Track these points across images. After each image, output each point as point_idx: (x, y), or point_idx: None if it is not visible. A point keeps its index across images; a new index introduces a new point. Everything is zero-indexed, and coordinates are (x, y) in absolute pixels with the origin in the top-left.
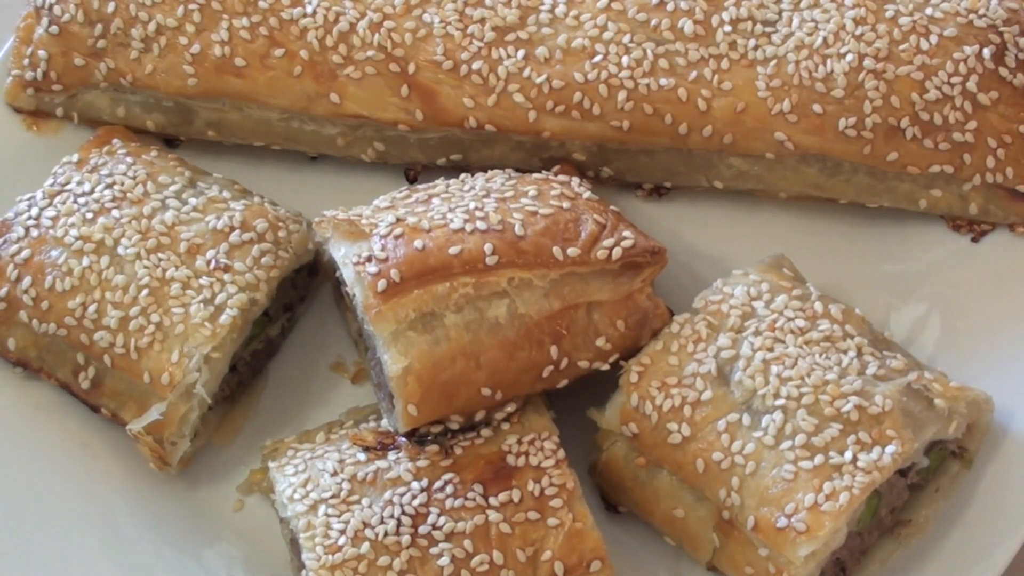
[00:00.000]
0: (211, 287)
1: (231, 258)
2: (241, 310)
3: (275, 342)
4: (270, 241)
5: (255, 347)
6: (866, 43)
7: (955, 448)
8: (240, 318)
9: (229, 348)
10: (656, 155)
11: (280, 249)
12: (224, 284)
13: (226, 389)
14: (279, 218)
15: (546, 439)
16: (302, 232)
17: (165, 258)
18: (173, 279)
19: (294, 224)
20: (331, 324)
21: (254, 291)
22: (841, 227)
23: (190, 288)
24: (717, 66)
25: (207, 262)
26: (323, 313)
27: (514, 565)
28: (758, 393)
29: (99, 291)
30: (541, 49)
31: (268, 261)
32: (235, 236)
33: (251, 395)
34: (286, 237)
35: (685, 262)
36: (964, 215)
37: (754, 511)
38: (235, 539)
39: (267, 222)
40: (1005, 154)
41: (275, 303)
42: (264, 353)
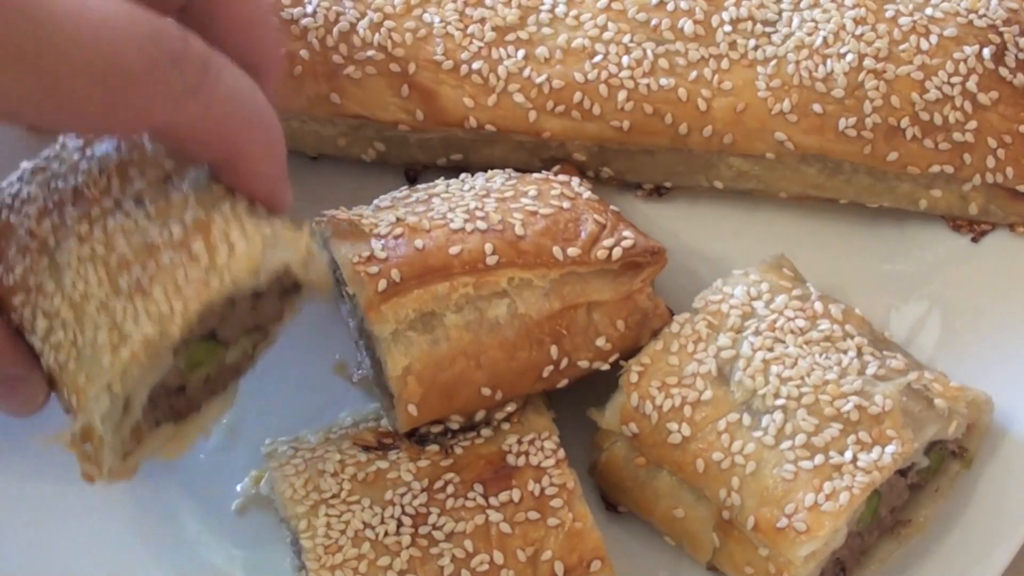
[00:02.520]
0: (123, 311)
1: (154, 282)
2: (145, 344)
3: (240, 365)
4: (202, 265)
5: (206, 372)
6: (866, 43)
7: (955, 448)
8: (143, 352)
9: (137, 381)
10: (656, 155)
11: (212, 275)
12: (136, 312)
13: (168, 412)
14: (227, 236)
15: (546, 439)
16: (247, 255)
17: (92, 271)
18: (92, 296)
19: (243, 243)
20: (331, 324)
21: (165, 324)
22: (841, 227)
23: (105, 310)
24: (717, 66)
25: (128, 283)
26: (323, 313)
27: (514, 565)
28: (758, 393)
29: (34, 294)
30: (541, 49)
31: (190, 292)
32: (167, 256)
33: (209, 412)
34: (224, 262)
35: (685, 262)
36: (964, 215)
37: (754, 511)
38: (235, 539)
39: (204, 242)
40: (1005, 154)
41: (227, 328)
42: (222, 375)
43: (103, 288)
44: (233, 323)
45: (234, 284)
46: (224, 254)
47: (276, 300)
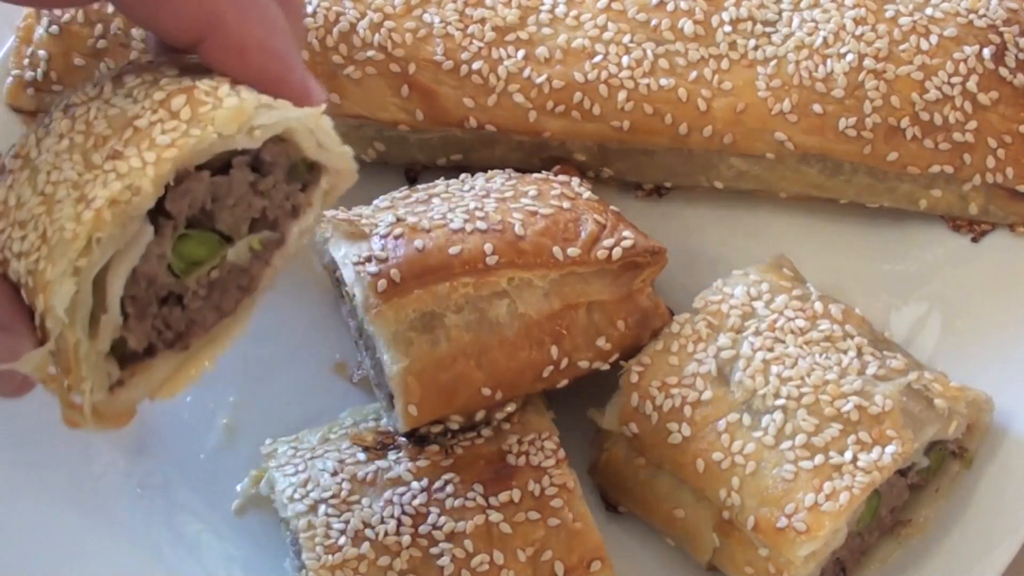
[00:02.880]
0: (93, 181)
1: (127, 144)
2: (109, 201)
3: (250, 272)
4: (183, 119)
5: (207, 273)
6: (866, 43)
7: (955, 448)
8: (107, 212)
9: (105, 253)
10: (656, 155)
11: (192, 126)
12: (107, 176)
13: (165, 333)
14: (214, 92)
15: (546, 439)
16: (237, 107)
17: (68, 159)
18: (65, 181)
19: (234, 98)
20: (331, 324)
21: (134, 177)
22: (841, 227)
23: (75, 187)
24: (717, 66)
25: (102, 156)
26: (323, 313)
27: (514, 565)
28: (758, 393)
29: (13, 212)
30: (541, 49)
31: (165, 141)
32: (143, 119)
33: (217, 338)
34: (207, 112)
35: (685, 262)
36: (964, 215)
37: (754, 511)
38: (235, 539)
39: (188, 99)
40: (1005, 154)
41: (225, 213)
42: (229, 285)
43: (76, 168)
44: (231, 206)
45: (219, 134)
46: (209, 107)
47: (285, 184)
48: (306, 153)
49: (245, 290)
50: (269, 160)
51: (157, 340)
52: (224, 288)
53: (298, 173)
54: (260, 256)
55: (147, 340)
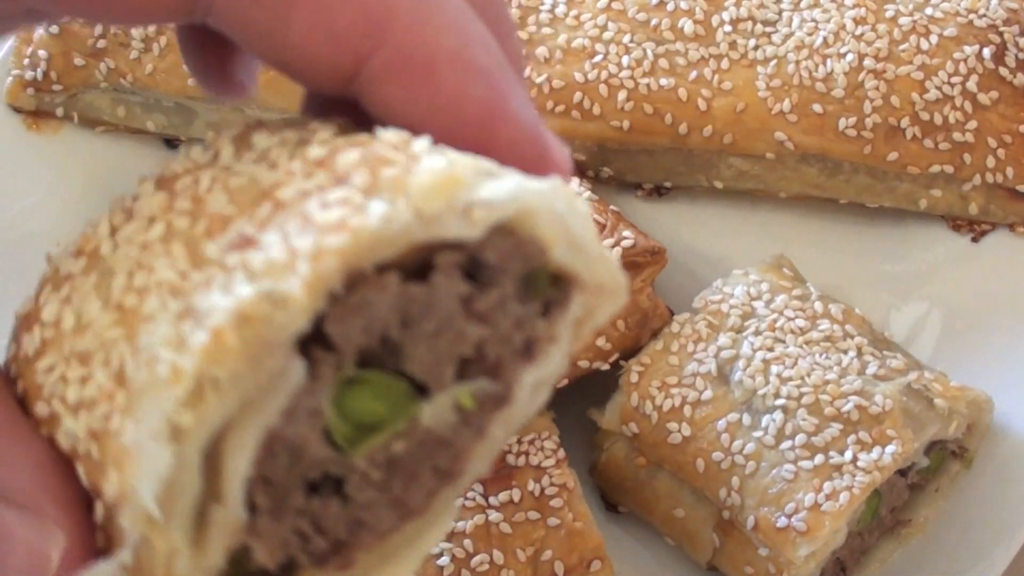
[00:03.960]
0: (207, 286)
1: (265, 226)
2: (236, 317)
3: (454, 445)
4: (357, 187)
5: (387, 445)
6: (866, 43)
7: (955, 448)
8: (234, 335)
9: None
10: (656, 155)
11: (372, 198)
12: (230, 276)
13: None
14: (401, 146)
15: (546, 439)
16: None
17: (164, 251)
18: (159, 285)
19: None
20: None
21: (278, 276)
22: (841, 227)
23: (176, 294)
24: (717, 66)
25: (221, 245)
26: None
27: (514, 565)
28: (758, 393)
29: (68, 339)
30: (541, 49)
31: (327, 219)
32: (289, 188)
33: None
34: (396, 177)
35: (685, 262)
36: (964, 215)
37: (754, 511)
38: None
39: (361, 153)
40: (1005, 154)
41: (425, 350)
42: (421, 465)
43: (177, 266)
44: (430, 335)
45: (417, 212)
46: (399, 169)
47: (517, 304)
48: (552, 256)
49: (444, 475)
50: (494, 263)
51: (301, 552)
52: (412, 470)
53: (537, 288)
54: (471, 420)
55: (285, 552)
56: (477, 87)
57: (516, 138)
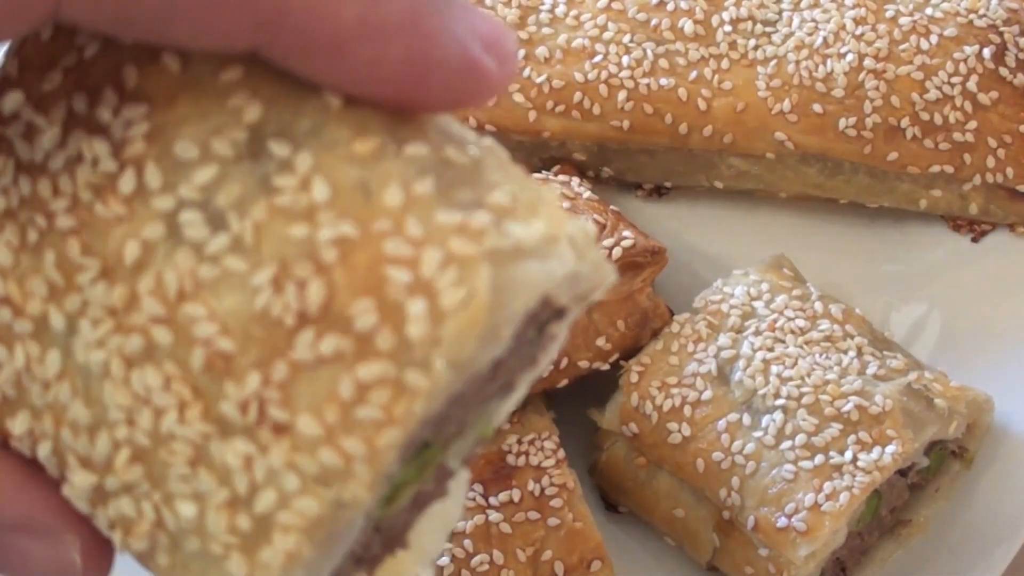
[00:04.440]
0: (246, 470)
1: (291, 400)
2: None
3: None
4: (386, 353)
5: (412, 496)
6: (866, 43)
7: (955, 448)
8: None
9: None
10: (656, 155)
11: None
12: (276, 470)
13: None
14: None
15: (546, 439)
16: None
17: (157, 383)
18: (171, 437)
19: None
20: None
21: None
22: (841, 227)
23: (206, 463)
24: (717, 66)
25: (242, 403)
26: None
27: (514, 565)
28: (758, 393)
29: (50, 419)
30: (541, 49)
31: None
32: (303, 345)
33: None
34: (423, 329)
35: (685, 262)
36: (964, 215)
37: (754, 511)
38: None
39: (379, 308)
40: (1005, 154)
41: (455, 420)
42: (425, 499)
43: (190, 422)
44: (455, 412)
45: (453, 369)
46: (423, 325)
47: (533, 336)
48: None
49: (420, 506)
50: (518, 337)
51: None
52: (418, 506)
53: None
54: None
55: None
56: (392, 49)
57: (448, 79)
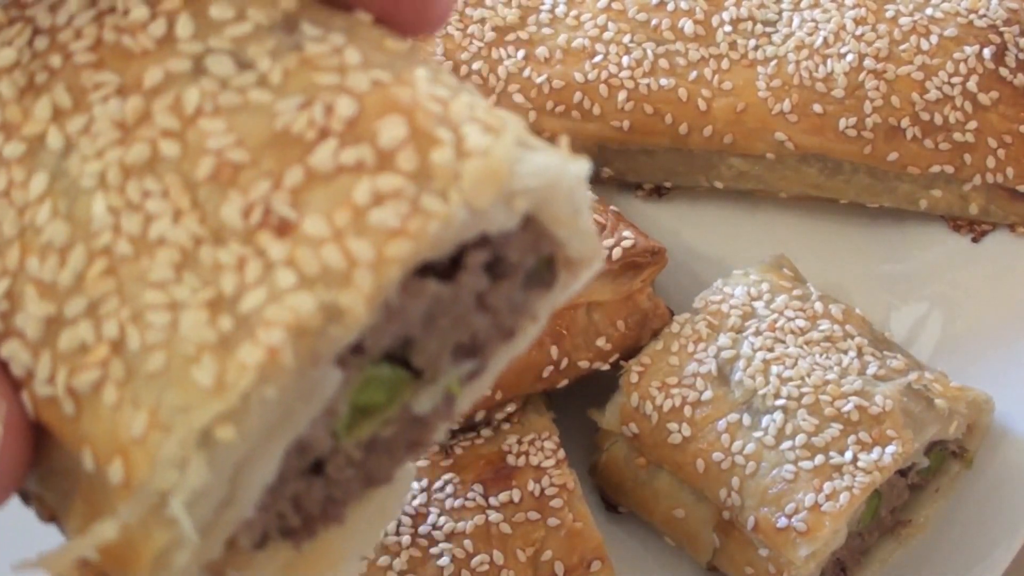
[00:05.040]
0: (238, 269)
1: (301, 204)
2: (293, 331)
3: (428, 423)
4: (406, 172)
5: (375, 430)
6: (866, 43)
7: (955, 448)
8: (290, 352)
9: (266, 425)
10: (656, 155)
11: (425, 190)
12: (272, 266)
13: (291, 512)
14: (442, 108)
15: (546, 439)
16: (493, 155)
17: (156, 189)
18: (161, 241)
19: (478, 134)
20: None
21: (338, 290)
22: (841, 227)
23: (192, 267)
24: (717, 66)
25: (245, 208)
26: None
27: (514, 565)
28: (758, 393)
29: (17, 248)
30: (541, 49)
31: (383, 221)
32: (324, 153)
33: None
34: (446, 162)
35: (685, 262)
36: (964, 215)
37: (754, 511)
38: None
39: (407, 123)
40: (1005, 154)
41: (435, 343)
42: (398, 443)
43: (184, 225)
44: (445, 329)
45: (469, 211)
46: (448, 152)
47: (521, 292)
48: (559, 237)
49: (412, 448)
50: (515, 258)
51: (275, 530)
52: (390, 448)
53: (537, 273)
54: (451, 400)
55: (263, 533)
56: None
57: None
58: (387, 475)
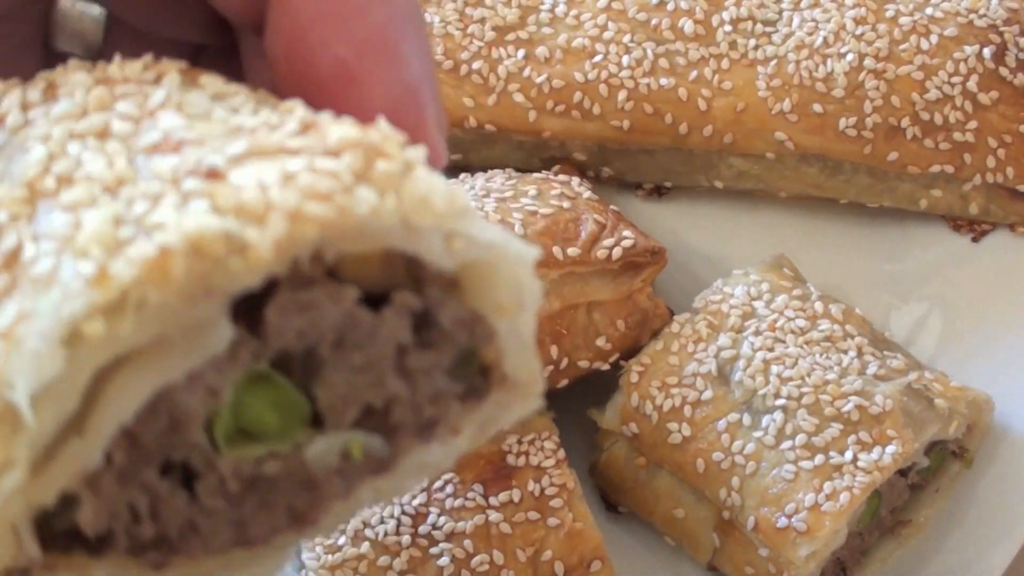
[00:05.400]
0: (154, 199)
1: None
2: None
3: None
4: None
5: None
6: (866, 43)
7: (955, 448)
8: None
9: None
10: (656, 155)
11: (361, 183)
12: (188, 197)
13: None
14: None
15: (546, 439)
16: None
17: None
18: (88, 178)
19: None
20: None
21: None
22: (841, 227)
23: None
24: (717, 66)
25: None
26: None
27: (514, 565)
28: (758, 393)
29: None
30: (541, 49)
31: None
32: (271, 136)
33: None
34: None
35: (685, 262)
36: (965, 215)
37: (754, 511)
38: None
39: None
40: (1005, 154)
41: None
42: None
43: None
44: (357, 368)
45: (402, 220)
46: (393, 166)
47: (444, 377)
48: (497, 335)
49: (294, 518)
50: (445, 327)
51: (123, 531)
52: (269, 498)
53: (466, 370)
54: (347, 472)
55: (109, 523)
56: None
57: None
58: (259, 537)
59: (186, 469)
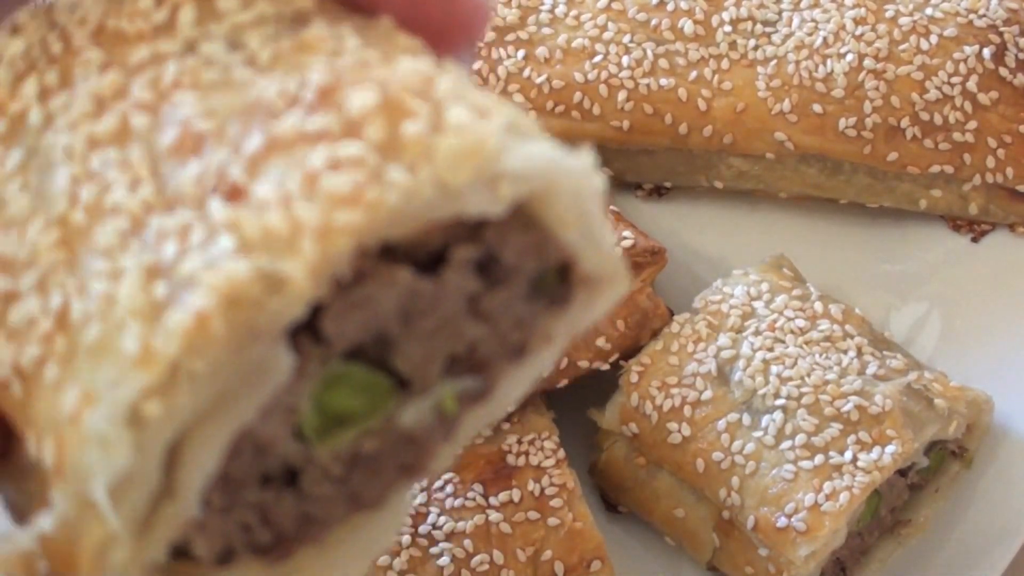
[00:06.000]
0: (181, 235)
1: (256, 172)
2: (225, 298)
3: (422, 443)
4: (372, 142)
5: (357, 441)
6: (866, 43)
7: (955, 448)
8: (221, 319)
9: (198, 405)
10: (656, 155)
11: (391, 162)
12: (215, 230)
13: (259, 524)
14: (424, 85)
15: (546, 439)
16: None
17: (117, 160)
18: (115, 210)
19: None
20: None
21: (278, 257)
22: (841, 227)
23: (139, 234)
24: (717, 66)
25: (200, 174)
26: None
27: (514, 565)
28: (758, 393)
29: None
30: (541, 49)
31: (336, 185)
32: (288, 121)
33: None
34: (420, 137)
35: (685, 262)
36: (964, 215)
37: (754, 511)
38: None
39: (380, 93)
40: (1005, 154)
41: (419, 348)
42: (386, 462)
43: (139, 191)
44: (428, 333)
45: (440, 188)
46: (423, 126)
47: (524, 304)
48: (567, 245)
49: (406, 471)
50: (511, 260)
51: (241, 544)
52: (376, 467)
53: (544, 285)
54: (447, 420)
55: (225, 544)
56: None
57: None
58: (376, 498)
59: (286, 465)
